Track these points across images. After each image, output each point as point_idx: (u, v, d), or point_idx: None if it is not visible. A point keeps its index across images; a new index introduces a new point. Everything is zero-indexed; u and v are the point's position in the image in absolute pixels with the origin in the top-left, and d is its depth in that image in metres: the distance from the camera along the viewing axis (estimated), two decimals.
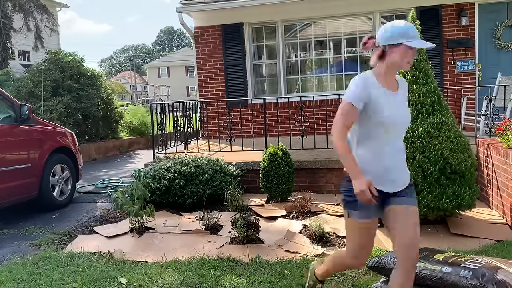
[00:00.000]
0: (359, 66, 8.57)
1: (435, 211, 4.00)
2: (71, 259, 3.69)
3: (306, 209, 4.82)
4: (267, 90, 9.13)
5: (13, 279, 3.30)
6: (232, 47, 8.74)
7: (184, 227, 4.52)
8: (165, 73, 58.80)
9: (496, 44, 7.89)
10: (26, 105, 5.22)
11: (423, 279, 2.50)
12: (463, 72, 7.94)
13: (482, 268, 2.38)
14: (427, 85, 4.17)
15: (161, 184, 5.13)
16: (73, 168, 5.96)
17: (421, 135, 4.02)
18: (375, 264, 2.76)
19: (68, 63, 10.47)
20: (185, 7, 8.30)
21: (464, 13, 7.78)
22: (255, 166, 5.71)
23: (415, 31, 2.22)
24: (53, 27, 15.04)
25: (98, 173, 8.40)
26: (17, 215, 5.34)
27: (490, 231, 4.12)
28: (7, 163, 4.85)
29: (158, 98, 36.42)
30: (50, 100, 9.57)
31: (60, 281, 3.25)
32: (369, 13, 8.30)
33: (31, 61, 17.32)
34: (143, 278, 3.28)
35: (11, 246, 4.25)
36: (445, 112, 4.21)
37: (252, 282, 3.15)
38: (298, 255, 3.71)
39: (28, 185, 5.12)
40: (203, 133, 9.02)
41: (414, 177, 3.94)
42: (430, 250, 2.83)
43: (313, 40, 8.78)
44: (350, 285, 3.11)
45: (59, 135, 5.81)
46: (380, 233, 4.19)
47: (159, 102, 12.57)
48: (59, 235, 4.49)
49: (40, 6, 14.33)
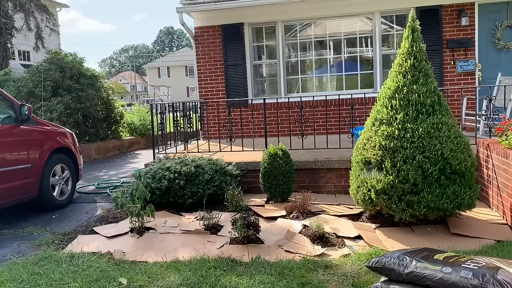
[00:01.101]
0: (359, 66, 8.58)
1: (435, 211, 4.00)
2: (71, 259, 3.68)
3: (306, 209, 4.82)
4: (267, 90, 9.13)
5: (13, 279, 3.30)
6: (232, 47, 8.75)
7: (184, 227, 4.52)
8: (165, 73, 58.81)
9: (496, 44, 7.89)
10: (26, 105, 5.22)
11: (423, 279, 2.50)
12: (463, 72, 7.94)
13: (482, 268, 2.38)
14: (427, 85, 4.17)
15: (161, 184, 5.13)
16: (73, 168, 5.96)
17: (421, 135, 4.02)
18: (375, 264, 2.76)
19: (68, 63, 10.47)
20: (185, 7, 8.30)
21: (464, 13, 7.78)
22: (255, 166, 5.71)
23: None
24: (53, 27, 15.05)
25: (98, 173, 8.40)
26: (17, 215, 5.34)
27: (490, 231, 4.12)
28: (7, 163, 4.85)
29: (158, 98, 36.40)
30: (50, 100, 9.58)
31: (60, 281, 3.25)
32: (369, 13, 8.30)
33: (31, 61, 17.32)
34: (143, 278, 3.28)
35: (11, 246, 4.25)
36: (445, 112, 4.21)
37: (252, 282, 3.15)
38: (298, 255, 3.71)
39: (28, 185, 5.12)
40: (203, 133, 9.02)
41: (414, 177, 3.95)
42: (430, 250, 2.83)
43: (313, 40, 8.78)
44: (350, 285, 3.11)
45: (59, 135, 5.81)
46: (380, 233, 4.19)
47: (159, 102, 12.57)
48: (59, 235, 4.49)
49: (40, 6, 14.35)
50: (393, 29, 8.35)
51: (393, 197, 4.04)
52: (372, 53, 8.44)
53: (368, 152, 4.26)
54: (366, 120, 4.59)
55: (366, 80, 8.55)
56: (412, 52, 4.25)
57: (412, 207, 3.98)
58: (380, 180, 4.07)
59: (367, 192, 4.23)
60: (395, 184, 3.99)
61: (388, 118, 4.19)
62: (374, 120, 4.35)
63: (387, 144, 4.09)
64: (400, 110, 4.15)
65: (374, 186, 4.12)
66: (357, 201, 4.47)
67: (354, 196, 4.51)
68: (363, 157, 4.34)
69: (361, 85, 8.55)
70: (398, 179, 3.98)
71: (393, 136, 4.09)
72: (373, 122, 4.37)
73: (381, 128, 4.19)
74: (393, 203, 4.04)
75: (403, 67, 4.25)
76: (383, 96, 4.35)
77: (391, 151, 4.07)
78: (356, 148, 4.56)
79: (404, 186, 3.98)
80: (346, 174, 5.22)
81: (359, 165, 4.42)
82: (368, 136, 4.34)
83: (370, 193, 4.18)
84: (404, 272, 2.57)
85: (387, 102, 4.26)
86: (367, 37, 8.52)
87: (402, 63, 4.28)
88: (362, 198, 4.31)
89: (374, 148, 4.19)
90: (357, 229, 4.28)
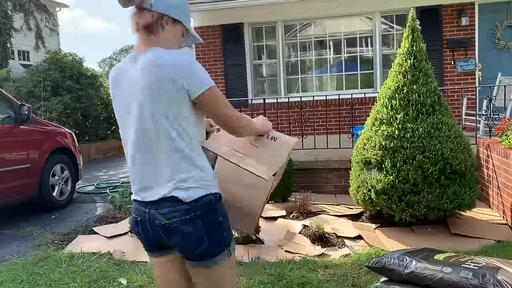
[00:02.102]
0: (359, 66, 8.57)
1: (435, 211, 3.99)
2: (70, 259, 3.68)
3: (306, 209, 4.81)
4: (267, 90, 9.12)
5: (13, 279, 3.30)
6: (232, 47, 8.74)
7: None
8: None
9: (496, 44, 7.88)
10: (25, 105, 5.21)
11: (423, 279, 2.49)
12: (463, 72, 7.93)
13: (483, 268, 2.38)
14: (427, 85, 4.17)
15: None
16: (73, 168, 5.96)
17: (421, 135, 4.01)
18: (375, 265, 2.75)
19: (68, 63, 10.47)
20: None
21: (464, 13, 7.77)
22: None
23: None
24: (53, 27, 15.04)
25: (98, 173, 8.39)
26: (17, 215, 5.33)
27: (490, 231, 4.11)
28: (6, 164, 4.85)
29: None
30: (50, 100, 9.57)
31: (59, 282, 3.24)
32: (369, 13, 8.29)
33: (30, 61, 17.31)
34: (142, 278, 3.27)
35: (11, 246, 4.25)
36: (445, 112, 4.20)
37: (252, 282, 3.15)
38: (298, 255, 3.71)
39: (27, 185, 5.12)
40: None
41: (414, 177, 3.94)
42: (430, 250, 2.82)
43: (313, 40, 8.77)
44: (350, 285, 3.11)
45: (59, 135, 5.81)
46: (380, 233, 4.19)
47: None
48: (59, 235, 4.49)
49: (40, 6, 14.33)
50: (393, 29, 8.35)
51: (393, 197, 4.03)
52: (372, 53, 8.44)
53: (368, 152, 4.26)
54: (366, 120, 4.59)
55: (366, 80, 8.55)
56: (412, 52, 4.25)
57: (412, 207, 3.98)
58: (380, 180, 4.06)
59: (367, 192, 4.22)
60: (395, 184, 3.99)
61: (388, 118, 4.19)
62: (374, 120, 4.35)
63: (387, 144, 4.09)
64: (400, 110, 4.15)
65: (374, 186, 4.11)
66: (357, 201, 4.46)
67: (354, 196, 4.50)
68: (363, 157, 4.34)
69: (361, 85, 8.55)
70: (398, 179, 3.98)
71: (393, 136, 4.09)
72: (373, 122, 4.37)
73: (381, 128, 4.18)
74: (393, 203, 4.04)
75: (403, 67, 4.25)
76: (383, 96, 4.35)
77: (391, 151, 4.06)
78: (356, 148, 4.56)
79: (404, 186, 3.97)
80: (346, 174, 5.21)
81: (359, 165, 4.42)
82: (368, 136, 4.34)
83: (370, 193, 4.17)
84: (404, 272, 2.56)
85: (387, 102, 4.26)
86: (367, 37, 8.51)
87: (402, 63, 4.27)
88: (362, 198, 4.30)
89: (374, 148, 4.18)
90: (357, 229, 4.27)
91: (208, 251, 1.58)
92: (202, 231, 1.56)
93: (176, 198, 1.55)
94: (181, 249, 1.62)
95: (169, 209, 1.56)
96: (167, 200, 1.56)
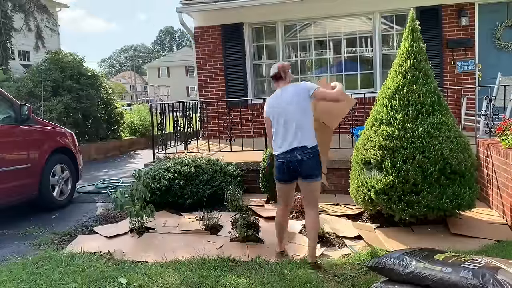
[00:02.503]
0: (359, 66, 8.57)
1: (435, 211, 4.00)
2: (71, 259, 3.68)
3: None
4: (267, 90, 9.12)
5: (13, 279, 3.30)
6: (232, 47, 8.74)
7: (184, 227, 4.51)
8: (165, 73, 58.76)
9: (496, 44, 7.88)
10: (26, 105, 5.22)
11: (423, 279, 2.50)
12: (463, 72, 7.93)
13: (482, 268, 2.38)
14: (427, 85, 4.17)
15: (161, 184, 5.13)
16: (73, 168, 5.96)
17: (421, 135, 4.02)
18: (375, 264, 2.75)
19: (68, 63, 10.47)
20: (185, 7, 8.30)
21: (464, 13, 7.77)
22: (255, 166, 5.71)
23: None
24: (53, 27, 15.03)
25: (98, 173, 8.40)
26: (17, 215, 5.34)
27: (490, 231, 4.12)
28: (7, 163, 4.85)
29: (158, 98, 36.40)
30: (50, 100, 9.57)
31: (60, 281, 3.25)
32: (369, 13, 8.29)
33: (31, 61, 17.30)
34: (143, 278, 3.28)
35: (11, 246, 4.25)
36: (445, 112, 4.21)
37: (252, 282, 3.15)
38: (298, 255, 3.71)
39: (28, 185, 5.12)
40: (203, 133, 9.01)
41: (414, 177, 3.95)
42: (430, 250, 2.83)
43: (313, 40, 8.78)
44: (350, 285, 3.11)
45: (59, 135, 5.81)
46: (380, 233, 4.19)
47: (159, 102, 12.56)
48: (59, 235, 4.49)
49: (40, 6, 14.32)
50: (393, 29, 8.35)
51: (393, 197, 4.04)
52: (372, 53, 8.44)
53: (368, 152, 4.26)
54: (366, 120, 4.59)
55: (366, 80, 8.55)
56: (412, 52, 4.25)
57: (412, 207, 3.98)
58: (380, 180, 4.07)
59: (367, 192, 4.23)
60: (395, 184, 3.99)
61: (388, 118, 4.19)
62: (374, 120, 4.35)
63: (387, 144, 4.09)
64: (400, 110, 4.15)
65: (374, 186, 4.11)
66: (357, 201, 4.47)
67: (354, 196, 4.51)
68: (363, 157, 4.34)
69: (361, 85, 8.55)
70: (398, 179, 3.98)
71: (393, 136, 4.09)
72: (373, 122, 4.37)
73: (381, 128, 4.19)
74: (393, 203, 4.04)
75: (403, 67, 4.25)
76: (383, 96, 4.35)
77: (391, 151, 4.07)
78: (356, 148, 4.56)
79: (404, 186, 3.98)
80: (346, 174, 5.21)
81: (359, 165, 4.42)
82: (368, 136, 4.34)
83: (370, 193, 4.18)
84: (404, 272, 2.57)
85: (387, 102, 4.26)
86: (367, 37, 8.51)
87: (402, 63, 4.28)
88: (362, 198, 4.31)
89: (374, 148, 4.18)
90: (357, 229, 4.28)
91: (316, 174, 3.49)
92: (315, 163, 3.46)
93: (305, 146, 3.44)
94: (305, 174, 3.45)
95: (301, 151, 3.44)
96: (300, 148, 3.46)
